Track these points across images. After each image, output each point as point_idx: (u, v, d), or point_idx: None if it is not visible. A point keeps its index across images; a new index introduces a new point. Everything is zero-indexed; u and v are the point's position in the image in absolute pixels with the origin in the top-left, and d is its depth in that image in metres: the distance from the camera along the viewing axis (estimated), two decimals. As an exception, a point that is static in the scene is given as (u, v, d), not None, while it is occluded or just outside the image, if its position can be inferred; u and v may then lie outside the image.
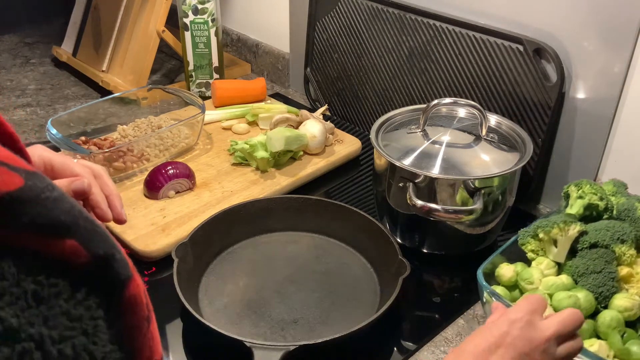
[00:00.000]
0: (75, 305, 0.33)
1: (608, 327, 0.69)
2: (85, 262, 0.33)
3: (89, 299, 0.33)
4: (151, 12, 1.36)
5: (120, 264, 0.35)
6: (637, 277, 0.75)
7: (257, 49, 1.54)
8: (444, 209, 0.81)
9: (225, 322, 0.78)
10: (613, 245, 0.74)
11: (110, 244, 0.35)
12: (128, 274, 0.36)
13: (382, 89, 1.20)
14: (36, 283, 0.31)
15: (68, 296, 0.32)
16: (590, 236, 0.75)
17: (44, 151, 0.67)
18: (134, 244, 0.89)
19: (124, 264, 0.36)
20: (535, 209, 1.03)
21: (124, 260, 0.36)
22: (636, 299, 0.71)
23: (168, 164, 1.01)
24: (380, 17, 1.15)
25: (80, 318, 0.33)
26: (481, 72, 1.02)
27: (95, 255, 0.34)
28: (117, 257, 0.35)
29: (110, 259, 0.35)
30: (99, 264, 0.34)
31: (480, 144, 0.89)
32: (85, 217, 0.34)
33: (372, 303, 0.81)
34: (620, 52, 0.86)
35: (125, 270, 0.36)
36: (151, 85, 1.26)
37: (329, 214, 0.93)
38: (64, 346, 0.32)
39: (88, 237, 0.34)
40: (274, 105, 1.25)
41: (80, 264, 0.33)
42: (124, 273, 0.36)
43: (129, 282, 0.36)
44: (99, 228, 0.35)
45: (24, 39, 1.75)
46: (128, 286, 0.36)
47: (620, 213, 0.79)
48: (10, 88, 1.46)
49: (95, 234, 0.34)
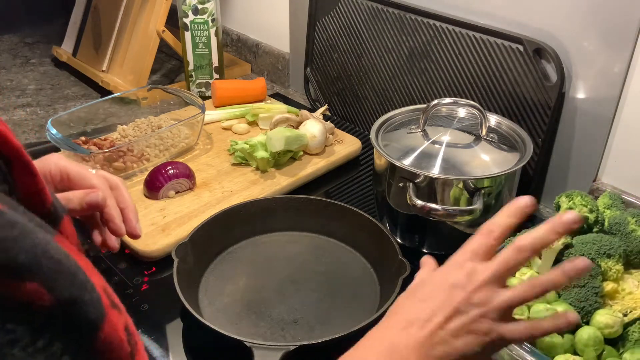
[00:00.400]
0: (35, 354, 0.30)
1: (585, 345, 0.66)
2: (49, 306, 0.30)
3: (52, 346, 0.30)
4: (151, 12, 1.36)
5: (90, 305, 0.33)
6: (623, 293, 0.72)
7: (257, 49, 1.54)
8: (444, 209, 0.81)
9: (225, 322, 0.78)
10: (599, 260, 0.72)
11: (79, 284, 0.32)
12: (100, 314, 0.33)
13: (382, 89, 1.20)
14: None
15: (26, 343, 0.29)
16: (576, 249, 0.73)
17: (60, 160, 0.66)
18: (134, 244, 0.89)
19: (96, 304, 0.33)
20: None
21: (95, 299, 0.33)
22: (618, 316, 0.68)
23: (168, 164, 1.01)
24: (380, 17, 1.15)
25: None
26: (481, 72, 1.02)
27: (59, 298, 0.31)
28: (85, 298, 0.32)
29: (77, 301, 0.32)
30: (65, 307, 0.31)
31: (480, 144, 0.89)
32: (50, 256, 0.31)
33: (372, 303, 0.81)
34: (620, 52, 0.86)
35: (96, 310, 0.33)
36: (151, 85, 1.26)
37: (329, 214, 0.93)
38: None
39: (52, 277, 0.31)
40: (274, 105, 1.25)
41: (42, 307, 0.30)
42: (95, 314, 0.33)
43: (102, 323, 0.33)
44: (66, 267, 0.32)
45: (24, 39, 1.75)
46: (101, 327, 0.33)
47: (612, 227, 0.77)
48: (10, 88, 1.46)
49: (61, 274, 0.31)
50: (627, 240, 0.75)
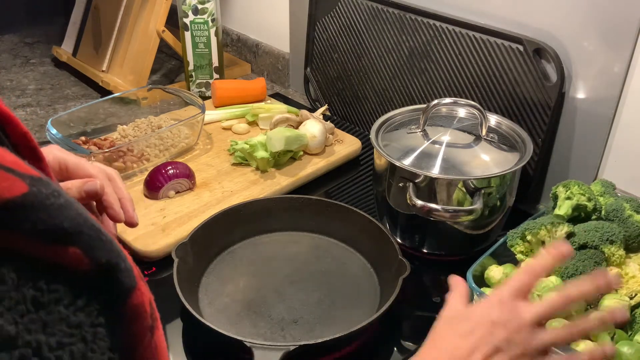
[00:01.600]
0: (76, 312, 0.32)
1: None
2: (88, 270, 0.33)
3: (90, 306, 0.33)
4: (151, 12, 1.36)
5: (125, 273, 0.35)
6: (627, 277, 0.74)
7: (257, 49, 1.54)
8: (444, 209, 0.81)
9: (225, 322, 0.78)
10: (602, 246, 0.74)
11: (116, 252, 0.35)
12: (132, 284, 0.36)
13: (382, 89, 1.20)
14: (36, 289, 0.31)
15: (68, 302, 0.32)
16: (579, 237, 0.75)
17: (59, 152, 0.68)
18: (134, 244, 0.89)
19: (129, 273, 0.36)
20: (535, 209, 1.03)
21: (129, 269, 0.36)
22: (625, 300, 0.71)
23: (168, 164, 1.01)
24: (380, 17, 1.15)
25: (80, 325, 0.33)
26: (481, 72, 1.02)
27: (98, 263, 0.33)
28: (121, 266, 0.35)
29: (114, 268, 0.34)
30: (102, 272, 0.34)
31: (480, 144, 0.89)
32: (91, 225, 0.34)
33: (372, 303, 0.81)
34: (620, 52, 0.86)
35: (129, 279, 0.35)
36: (151, 85, 1.26)
37: (329, 214, 0.93)
38: (62, 353, 0.31)
39: (92, 244, 0.33)
40: (274, 105, 1.25)
41: (82, 271, 0.33)
42: (128, 282, 0.35)
43: (133, 291, 0.36)
44: (104, 236, 0.34)
45: (24, 39, 1.75)
46: (131, 295, 0.35)
47: (609, 214, 0.79)
48: (10, 88, 1.46)
49: (100, 242, 0.34)
50: (625, 226, 0.77)
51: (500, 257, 0.81)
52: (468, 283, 0.73)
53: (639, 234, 0.77)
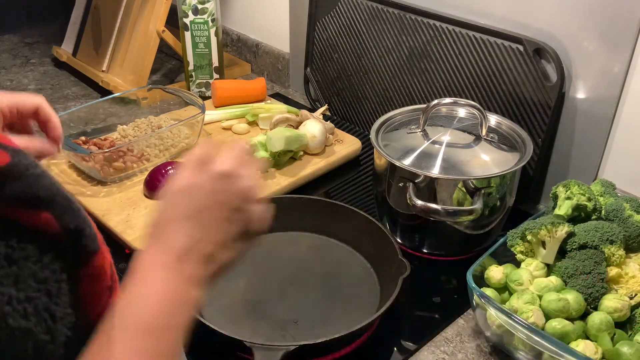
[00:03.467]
0: (42, 268, 0.37)
1: (598, 329, 0.69)
2: (55, 233, 0.37)
3: (55, 264, 0.37)
4: (151, 12, 1.36)
5: (89, 238, 0.40)
6: (627, 277, 0.74)
7: (257, 49, 1.54)
8: (444, 209, 0.81)
9: (225, 322, 0.78)
10: (602, 246, 0.74)
11: (82, 219, 0.40)
12: (95, 247, 0.41)
13: (382, 89, 1.20)
14: (8, 247, 0.35)
15: (36, 259, 0.36)
16: (579, 237, 0.75)
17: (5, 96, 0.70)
18: (134, 244, 0.89)
19: (93, 238, 0.41)
20: (535, 209, 1.03)
21: (93, 235, 0.41)
22: (625, 300, 0.71)
23: (168, 164, 1.01)
24: (380, 17, 1.15)
25: (46, 280, 0.37)
26: (481, 72, 1.02)
27: (65, 227, 0.38)
28: (87, 231, 0.40)
29: (80, 232, 0.39)
30: (69, 235, 0.38)
31: (480, 144, 0.89)
32: (63, 194, 0.38)
33: (372, 303, 0.81)
34: (620, 52, 0.86)
35: (93, 243, 0.40)
36: (151, 85, 1.26)
37: (329, 214, 0.93)
38: (28, 305, 0.36)
39: (62, 211, 0.38)
40: (274, 105, 1.25)
41: (50, 233, 0.37)
42: (92, 246, 0.40)
43: (96, 254, 0.41)
44: (74, 205, 0.39)
45: (24, 39, 1.75)
46: (94, 258, 0.40)
47: (609, 214, 0.79)
48: (10, 88, 1.46)
49: (70, 209, 0.39)
50: (625, 226, 0.77)
51: (500, 257, 0.81)
52: (468, 283, 0.73)
53: (639, 234, 0.77)
